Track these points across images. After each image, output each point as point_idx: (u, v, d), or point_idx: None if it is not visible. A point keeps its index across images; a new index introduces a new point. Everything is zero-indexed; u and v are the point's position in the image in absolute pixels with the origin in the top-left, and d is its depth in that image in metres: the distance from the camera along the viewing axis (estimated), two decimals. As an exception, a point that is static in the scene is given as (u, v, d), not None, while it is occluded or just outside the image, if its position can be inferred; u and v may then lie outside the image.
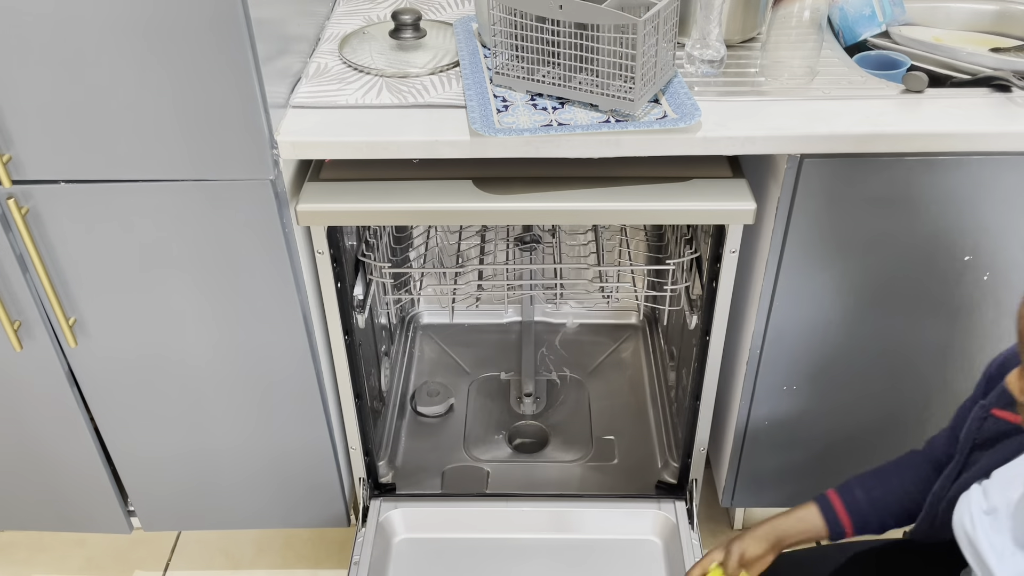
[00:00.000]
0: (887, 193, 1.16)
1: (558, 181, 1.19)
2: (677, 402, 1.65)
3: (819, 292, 1.27)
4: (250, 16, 0.98)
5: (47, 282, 1.18)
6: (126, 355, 1.29)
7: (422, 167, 1.21)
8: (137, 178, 1.10)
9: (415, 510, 1.51)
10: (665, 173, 1.20)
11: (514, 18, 1.14)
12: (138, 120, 1.04)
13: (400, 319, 1.94)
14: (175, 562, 1.66)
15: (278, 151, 1.10)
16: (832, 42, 1.34)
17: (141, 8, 0.96)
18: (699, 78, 1.23)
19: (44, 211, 1.13)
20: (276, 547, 1.68)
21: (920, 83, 1.17)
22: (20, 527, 1.57)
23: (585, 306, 1.94)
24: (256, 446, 1.42)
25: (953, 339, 1.32)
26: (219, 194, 1.11)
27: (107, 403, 1.35)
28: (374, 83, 1.22)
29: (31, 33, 0.98)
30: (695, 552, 1.41)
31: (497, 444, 1.68)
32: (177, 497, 1.50)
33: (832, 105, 1.15)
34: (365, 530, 1.46)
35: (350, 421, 1.44)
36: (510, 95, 1.18)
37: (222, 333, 1.26)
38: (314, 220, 1.18)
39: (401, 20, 1.28)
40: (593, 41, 1.10)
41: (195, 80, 1.01)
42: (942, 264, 1.23)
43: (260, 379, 1.32)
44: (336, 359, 1.37)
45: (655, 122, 1.10)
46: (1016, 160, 1.13)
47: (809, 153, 1.12)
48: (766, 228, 1.23)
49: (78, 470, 1.44)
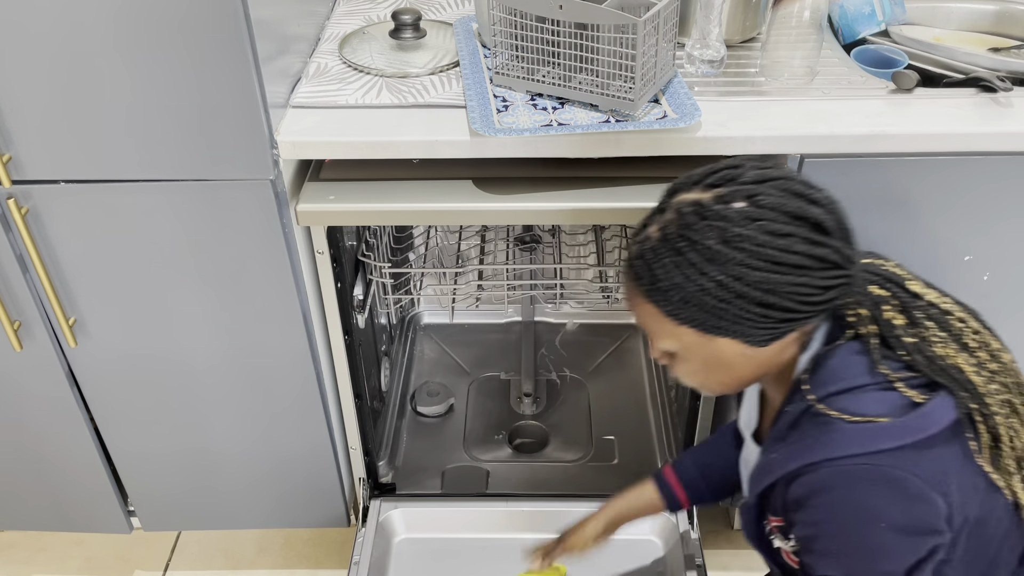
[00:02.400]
0: (887, 193, 1.16)
1: (558, 181, 1.19)
2: (677, 402, 1.65)
3: (819, 292, 1.26)
4: (250, 16, 0.98)
5: (47, 282, 1.18)
6: (126, 355, 1.29)
7: (422, 167, 1.21)
8: (137, 178, 1.10)
9: (415, 510, 1.51)
10: (665, 173, 1.19)
11: (514, 18, 1.14)
12: (138, 120, 1.04)
13: (400, 319, 1.94)
14: (175, 562, 1.66)
15: (278, 151, 1.10)
16: (832, 41, 1.34)
17: (141, 8, 0.96)
18: (699, 78, 1.23)
19: (44, 211, 1.13)
20: (276, 547, 1.68)
21: (909, 81, 1.17)
22: (20, 527, 1.57)
23: (585, 306, 1.94)
24: (256, 446, 1.42)
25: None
26: (219, 194, 1.11)
27: (107, 403, 1.35)
28: (374, 83, 1.22)
29: (31, 33, 0.98)
30: (695, 552, 1.41)
31: (497, 444, 1.68)
32: (177, 497, 1.50)
33: (832, 105, 1.15)
34: (365, 530, 1.46)
35: (350, 421, 1.44)
36: (510, 95, 1.18)
37: (222, 333, 1.26)
38: (314, 220, 1.18)
39: (401, 20, 1.28)
40: (593, 41, 1.10)
41: (195, 80, 1.01)
42: (942, 264, 1.23)
43: (260, 379, 1.32)
44: (336, 359, 1.37)
45: (655, 122, 1.10)
46: (1016, 160, 1.13)
47: (809, 153, 1.13)
48: (766, 228, 1.23)
49: (78, 470, 1.44)
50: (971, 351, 0.85)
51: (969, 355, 0.85)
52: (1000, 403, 0.85)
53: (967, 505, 0.83)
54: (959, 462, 0.83)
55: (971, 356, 0.85)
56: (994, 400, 0.84)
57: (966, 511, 0.83)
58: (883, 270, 0.88)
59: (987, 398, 0.84)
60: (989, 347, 0.87)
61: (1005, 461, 0.85)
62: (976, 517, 0.84)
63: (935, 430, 0.80)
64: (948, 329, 0.86)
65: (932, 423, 0.81)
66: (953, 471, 0.82)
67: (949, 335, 0.85)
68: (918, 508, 0.80)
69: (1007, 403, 0.86)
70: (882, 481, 0.79)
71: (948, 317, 0.86)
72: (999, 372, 0.86)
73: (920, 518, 0.80)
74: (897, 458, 0.79)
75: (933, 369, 0.84)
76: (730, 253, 0.80)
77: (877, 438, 0.80)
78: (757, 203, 0.81)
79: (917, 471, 0.80)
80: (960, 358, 0.84)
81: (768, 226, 0.80)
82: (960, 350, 0.85)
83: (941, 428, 0.81)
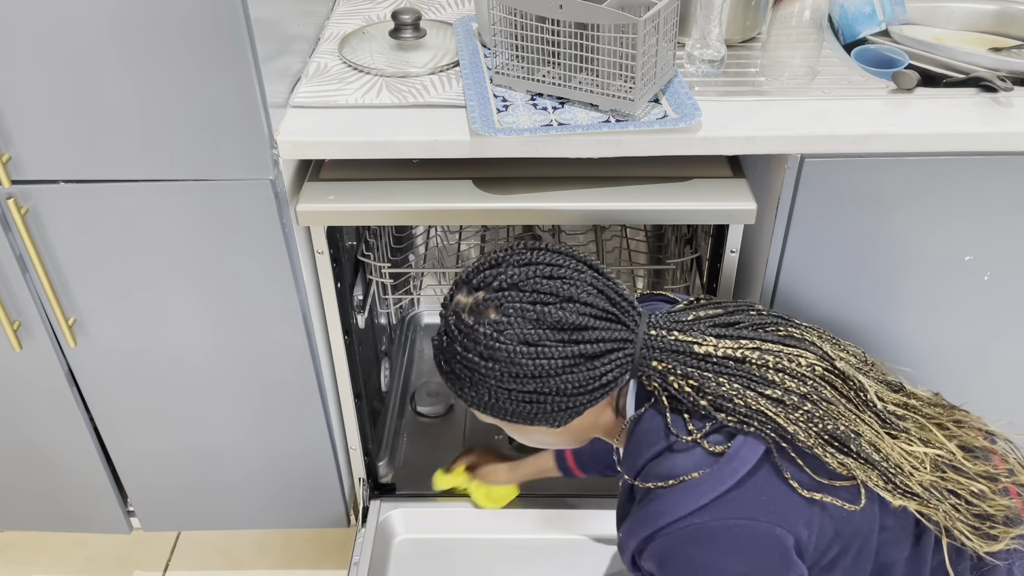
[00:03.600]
0: (887, 193, 1.16)
1: (558, 181, 1.19)
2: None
3: (819, 292, 1.26)
4: (250, 16, 0.98)
5: (47, 282, 1.18)
6: (126, 355, 1.29)
7: (422, 167, 1.21)
8: (137, 178, 1.10)
9: (415, 510, 1.51)
10: (665, 173, 1.20)
11: (514, 18, 1.14)
12: (138, 120, 1.04)
13: (400, 319, 1.94)
14: (175, 562, 1.66)
15: (278, 151, 1.10)
16: (832, 41, 1.34)
17: (141, 8, 0.96)
18: (699, 78, 1.23)
19: (44, 211, 1.13)
20: (276, 547, 1.67)
21: (909, 81, 1.17)
22: (20, 527, 1.57)
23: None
24: (256, 446, 1.42)
25: (953, 340, 1.31)
26: (219, 194, 1.11)
27: (107, 403, 1.35)
28: (374, 83, 1.22)
29: (31, 33, 0.97)
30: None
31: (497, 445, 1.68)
32: (177, 497, 1.50)
33: (832, 105, 1.15)
34: (365, 530, 1.46)
35: (350, 421, 1.44)
36: (510, 95, 1.18)
37: (222, 333, 1.26)
38: (314, 220, 1.18)
39: (401, 20, 1.28)
40: (593, 41, 1.10)
41: (195, 80, 1.01)
42: (942, 264, 1.23)
43: (260, 379, 1.32)
44: (336, 359, 1.37)
45: (655, 122, 1.10)
46: (1015, 160, 1.13)
47: (810, 153, 1.12)
48: (766, 228, 1.23)
49: (78, 470, 1.44)
50: (774, 386, 0.86)
51: (770, 393, 0.85)
52: (806, 423, 0.85)
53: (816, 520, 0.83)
54: (788, 488, 0.83)
55: (773, 391, 0.85)
56: (800, 427, 0.84)
57: (820, 523, 0.84)
58: (667, 341, 0.88)
59: (790, 427, 0.84)
60: (797, 369, 0.87)
61: (831, 461, 0.85)
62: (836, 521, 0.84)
63: (746, 469, 0.82)
64: (746, 375, 0.86)
65: (741, 463, 0.82)
66: (784, 497, 0.83)
67: (748, 382, 0.86)
68: (755, 550, 0.81)
69: (808, 413, 0.85)
70: (709, 537, 0.81)
71: (745, 365, 0.87)
72: (808, 392, 0.86)
73: (760, 558, 0.81)
74: (720, 508, 0.81)
75: (738, 418, 0.84)
76: (492, 365, 0.84)
77: (694, 495, 0.81)
78: (505, 312, 0.84)
79: (744, 514, 0.81)
80: (761, 401, 0.85)
81: (519, 335, 0.84)
82: (760, 392, 0.85)
83: (752, 465, 0.82)
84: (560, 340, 0.84)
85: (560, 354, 0.84)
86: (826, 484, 0.84)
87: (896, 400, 0.93)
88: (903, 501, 0.86)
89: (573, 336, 0.84)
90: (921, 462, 0.87)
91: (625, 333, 0.86)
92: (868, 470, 0.85)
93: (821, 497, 0.84)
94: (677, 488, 0.82)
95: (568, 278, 0.86)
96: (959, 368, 1.35)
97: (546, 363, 0.84)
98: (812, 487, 0.84)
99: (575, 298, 0.85)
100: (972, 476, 0.89)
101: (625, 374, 0.87)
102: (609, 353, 0.85)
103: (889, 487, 0.86)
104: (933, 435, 0.91)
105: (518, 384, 0.85)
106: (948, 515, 0.87)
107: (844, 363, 0.90)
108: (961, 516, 0.87)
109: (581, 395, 0.86)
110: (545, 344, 0.84)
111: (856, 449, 0.85)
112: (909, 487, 0.86)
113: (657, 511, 0.83)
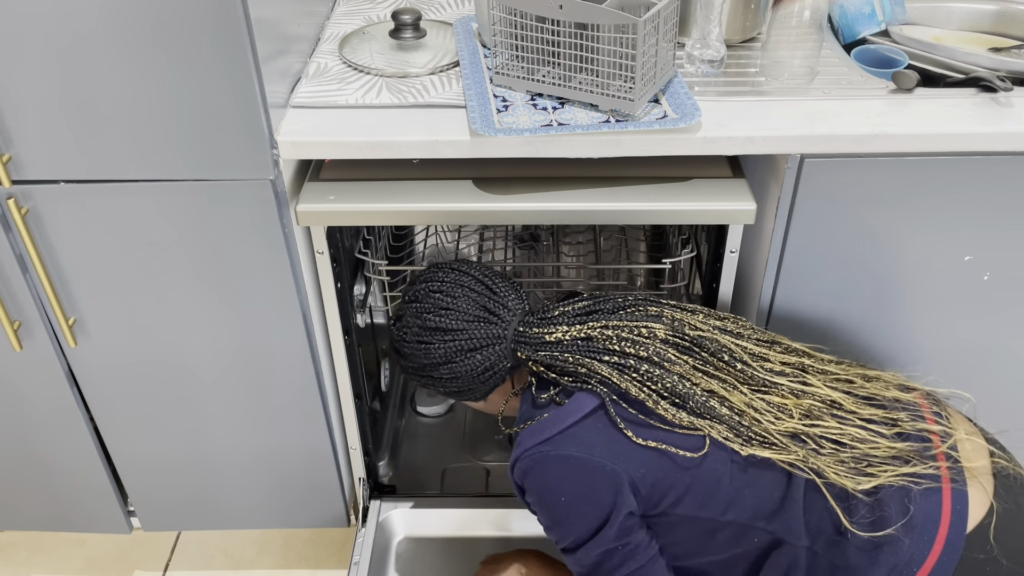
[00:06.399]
0: (887, 193, 1.16)
1: (558, 181, 1.19)
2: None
3: (819, 292, 1.27)
4: (250, 16, 0.98)
5: (47, 282, 1.18)
6: (126, 355, 1.29)
7: (422, 167, 1.21)
8: (137, 178, 1.10)
9: (415, 510, 1.51)
10: (665, 173, 1.20)
11: (514, 18, 1.14)
12: (138, 120, 1.04)
13: (400, 319, 1.94)
14: (175, 562, 1.66)
15: (278, 151, 1.10)
16: (832, 41, 1.34)
17: (141, 8, 0.96)
18: (699, 78, 1.23)
19: (44, 211, 1.13)
20: (276, 547, 1.68)
21: (909, 81, 1.17)
22: (20, 527, 1.57)
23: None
24: (256, 446, 1.42)
25: (953, 340, 1.32)
26: (219, 194, 1.11)
27: (107, 403, 1.35)
28: (374, 83, 1.22)
29: (31, 33, 0.98)
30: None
31: (497, 444, 1.68)
32: (177, 497, 1.50)
33: (832, 105, 1.15)
34: (365, 530, 1.46)
35: (350, 421, 1.44)
36: (510, 95, 1.18)
37: (222, 333, 1.26)
38: (314, 220, 1.18)
39: (401, 20, 1.28)
40: (593, 41, 1.10)
41: (195, 80, 1.01)
42: (942, 264, 1.23)
43: (260, 379, 1.32)
44: (336, 359, 1.37)
45: (655, 122, 1.10)
46: (1015, 160, 1.13)
47: (810, 153, 1.13)
48: (766, 228, 1.23)
49: (78, 470, 1.44)
50: (613, 353, 1.03)
51: (608, 359, 1.03)
52: (641, 381, 1.01)
53: (654, 464, 0.98)
54: (621, 434, 0.99)
55: (611, 357, 1.03)
56: (632, 384, 1.00)
57: (660, 466, 0.98)
58: (528, 335, 1.07)
59: (623, 384, 1.01)
60: (638, 339, 1.03)
61: (665, 413, 0.99)
62: (680, 467, 0.98)
63: (582, 413, 1.01)
64: (591, 349, 1.04)
65: (578, 407, 1.02)
66: (619, 441, 0.99)
67: (590, 353, 1.04)
68: (587, 477, 0.99)
69: (648, 373, 1.01)
70: (552, 462, 1.01)
71: (591, 341, 1.04)
72: (649, 356, 1.02)
73: (591, 483, 0.99)
74: (561, 442, 1.01)
75: (579, 380, 1.04)
76: (407, 356, 1.12)
77: (540, 429, 1.03)
78: (407, 319, 1.11)
79: (581, 449, 1.00)
80: (596, 366, 1.02)
81: (416, 336, 1.10)
82: (598, 359, 1.03)
83: (588, 411, 1.01)
84: (442, 340, 1.08)
85: (444, 350, 1.08)
86: (665, 433, 0.99)
87: (786, 360, 1.06)
88: (752, 450, 0.98)
89: (449, 336, 1.08)
90: (788, 412, 1.00)
91: (497, 331, 1.07)
92: (713, 423, 0.99)
93: (656, 445, 0.99)
94: (531, 426, 1.04)
95: (449, 292, 1.09)
96: (959, 368, 1.35)
97: (437, 356, 1.08)
98: (647, 436, 0.99)
99: (450, 307, 1.08)
100: (857, 423, 1.01)
101: (504, 361, 1.08)
102: (483, 348, 1.07)
103: (737, 437, 0.99)
104: (816, 388, 1.03)
105: (429, 371, 1.11)
106: (807, 458, 0.98)
107: (698, 331, 1.05)
108: (826, 459, 0.98)
109: (475, 378, 1.09)
110: (432, 343, 1.08)
111: (693, 403, 0.99)
112: (763, 435, 0.98)
113: (518, 443, 1.05)
